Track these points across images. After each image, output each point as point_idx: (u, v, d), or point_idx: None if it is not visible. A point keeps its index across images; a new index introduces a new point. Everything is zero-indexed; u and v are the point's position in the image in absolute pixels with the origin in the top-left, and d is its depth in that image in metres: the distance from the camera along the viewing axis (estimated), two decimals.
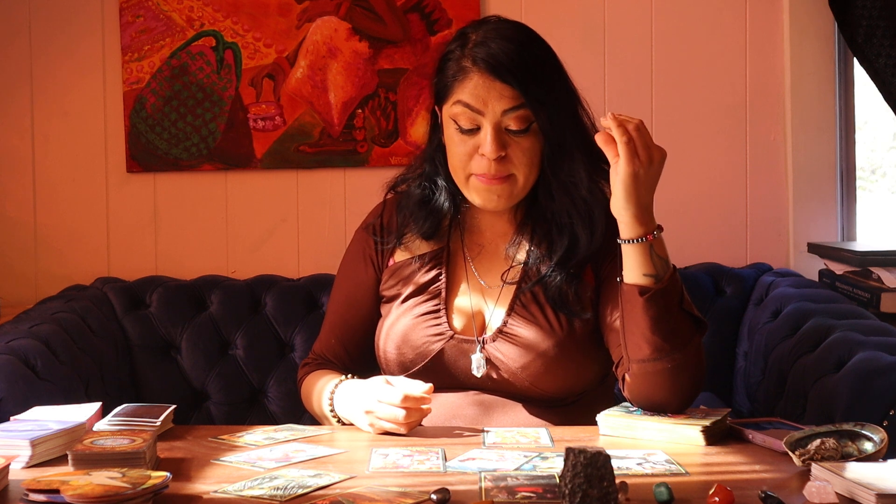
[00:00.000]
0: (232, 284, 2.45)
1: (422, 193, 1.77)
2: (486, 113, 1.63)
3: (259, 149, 2.61)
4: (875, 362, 1.66)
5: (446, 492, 1.21)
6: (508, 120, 1.63)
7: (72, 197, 2.63)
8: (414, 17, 2.59)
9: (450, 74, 1.67)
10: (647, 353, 1.53)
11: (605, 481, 1.12)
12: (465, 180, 1.69)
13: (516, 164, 1.65)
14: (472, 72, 1.63)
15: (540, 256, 1.71)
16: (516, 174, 1.66)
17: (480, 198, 1.68)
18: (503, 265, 1.74)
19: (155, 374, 2.34)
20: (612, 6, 2.61)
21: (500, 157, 1.63)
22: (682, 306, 1.54)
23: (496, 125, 1.63)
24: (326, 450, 1.47)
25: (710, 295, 2.39)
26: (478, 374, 1.67)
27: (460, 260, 1.76)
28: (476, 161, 1.66)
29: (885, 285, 2.18)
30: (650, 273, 1.52)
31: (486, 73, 1.62)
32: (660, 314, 1.51)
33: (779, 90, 2.61)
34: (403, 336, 1.71)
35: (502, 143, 1.63)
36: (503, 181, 1.66)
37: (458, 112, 1.65)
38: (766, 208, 2.62)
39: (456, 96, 1.65)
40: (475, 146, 1.65)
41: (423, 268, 1.75)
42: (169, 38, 2.59)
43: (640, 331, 1.52)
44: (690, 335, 1.55)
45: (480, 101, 1.63)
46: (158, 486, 1.20)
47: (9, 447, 1.38)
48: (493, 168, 1.64)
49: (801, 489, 1.23)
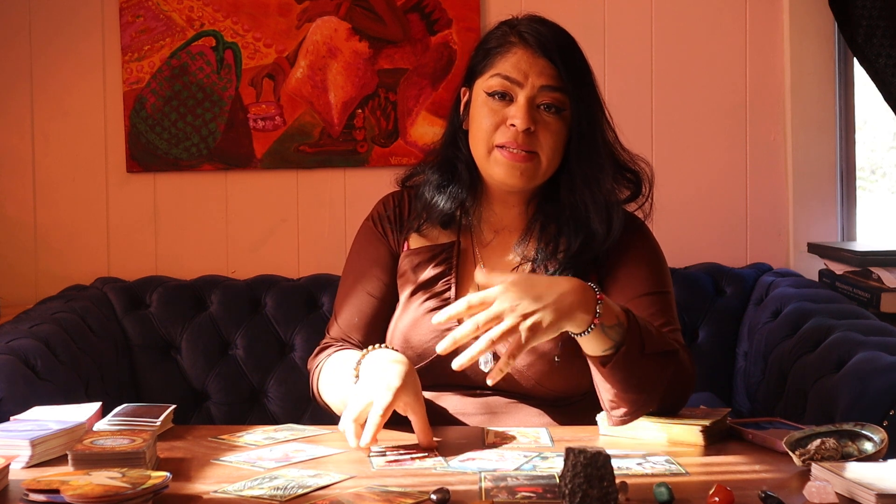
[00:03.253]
0: (232, 284, 2.45)
1: (441, 177, 1.75)
2: (524, 85, 1.64)
3: (259, 149, 2.61)
4: (875, 362, 1.66)
5: (446, 492, 1.21)
6: (544, 97, 1.64)
7: (72, 197, 2.63)
8: (414, 17, 2.59)
9: (492, 47, 1.69)
10: (626, 409, 1.52)
11: (605, 481, 1.12)
12: (488, 153, 1.67)
13: (542, 143, 1.65)
14: (516, 46, 1.66)
15: (549, 254, 1.70)
16: (540, 154, 1.65)
17: (502, 170, 1.66)
18: (512, 262, 1.73)
19: (155, 374, 2.34)
20: (612, 6, 2.61)
21: (528, 129, 1.63)
22: (645, 352, 1.49)
23: (530, 99, 1.64)
24: (326, 450, 1.47)
25: (710, 295, 2.39)
26: (485, 370, 1.65)
27: (470, 256, 1.75)
28: (502, 131, 1.65)
29: (885, 285, 2.18)
30: (607, 347, 1.48)
31: (530, 48, 1.65)
32: (626, 374, 1.49)
33: (779, 90, 2.61)
34: (412, 331, 1.69)
35: (533, 117, 1.64)
36: (527, 159, 1.65)
37: (494, 84, 1.66)
38: (766, 208, 2.62)
39: (496, 69, 1.67)
40: (504, 118, 1.65)
41: (433, 260, 1.73)
42: (169, 38, 2.59)
43: (614, 392, 1.51)
44: (663, 371, 1.52)
45: (521, 74, 1.64)
46: (158, 486, 1.20)
47: (9, 447, 1.38)
48: (521, 139, 1.63)
49: (801, 489, 1.23)
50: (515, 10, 2.62)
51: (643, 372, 1.50)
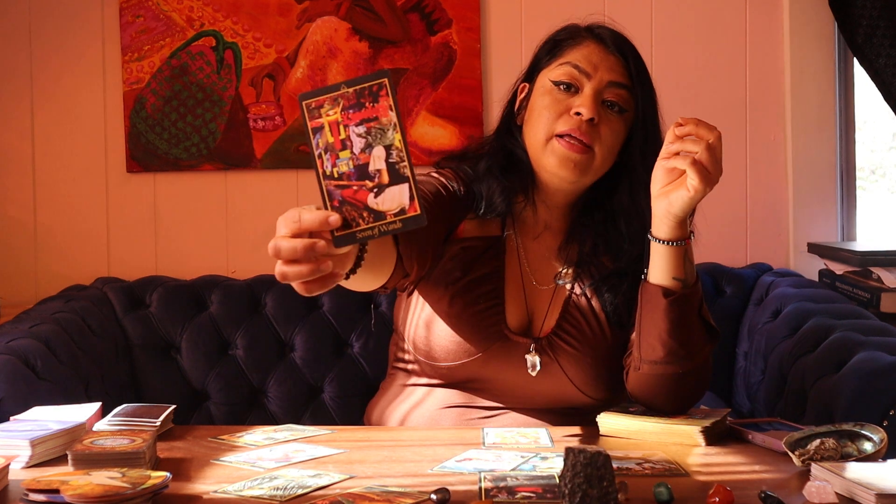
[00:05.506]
0: (232, 284, 2.45)
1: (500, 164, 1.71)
2: (592, 77, 1.64)
3: (259, 149, 2.61)
4: (875, 362, 1.66)
5: (446, 492, 1.21)
6: (610, 92, 1.64)
7: (72, 197, 2.63)
8: (414, 17, 2.59)
9: (562, 39, 1.69)
10: (660, 355, 1.53)
11: (604, 481, 1.12)
12: (546, 142, 1.64)
13: (601, 138, 1.63)
14: (588, 39, 1.68)
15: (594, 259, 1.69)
16: (596, 150, 1.63)
17: (558, 160, 1.63)
18: (553, 264, 1.71)
19: (155, 374, 2.34)
20: (612, 6, 2.61)
21: (592, 119, 1.61)
22: (700, 314, 1.54)
23: (597, 91, 1.63)
24: (326, 450, 1.47)
25: (711, 295, 2.39)
26: (533, 374, 1.64)
27: (514, 251, 1.72)
28: (565, 119, 1.63)
29: (885, 285, 2.18)
30: (679, 277, 1.51)
31: (602, 43, 1.67)
32: (679, 319, 1.51)
33: (779, 90, 2.61)
34: (456, 327, 1.65)
35: (599, 110, 1.63)
36: (583, 151, 1.62)
37: (561, 73, 1.65)
38: (766, 208, 2.62)
39: (565, 59, 1.67)
40: (568, 107, 1.63)
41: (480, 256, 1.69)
42: (169, 38, 2.59)
43: (658, 332, 1.52)
44: (703, 343, 1.55)
45: (591, 66, 1.64)
46: (158, 486, 1.20)
47: (9, 447, 1.38)
48: (584, 127, 1.61)
49: (800, 489, 1.23)
50: (515, 10, 2.62)
51: (692, 330, 1.53)
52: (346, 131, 1.17)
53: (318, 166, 1.17)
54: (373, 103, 1.16)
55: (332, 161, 1.17)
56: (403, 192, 1.16)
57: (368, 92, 1.16)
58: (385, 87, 1.16)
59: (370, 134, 1.16)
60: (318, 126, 1.16)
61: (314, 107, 1.17)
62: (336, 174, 1.17)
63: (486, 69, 2.61)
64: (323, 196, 1.17)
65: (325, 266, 1.18)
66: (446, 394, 1.70)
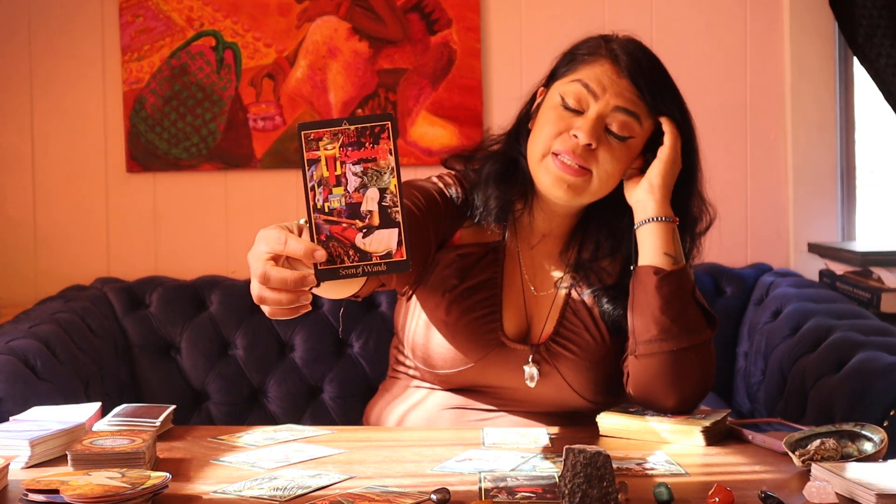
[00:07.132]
0: (232, 284, 2.45)
1: (502, 170, 1.69)
2: (599, 99, 1.60)
3: (259, 149, 2.61)
4: (875, 362, 1.66)
5: (446, 492, 1.21)
6: (614, 118, 1.59)
7: (72, 197, 2.63)
8: (414, 17, 2.59)
9: (581, 53, 1.65)
10: (654, 332, 1.52)
11: (604, 481, 1.12)
12: (541, 158, 1.61)
13: (599, 162, 1.59)
14: (604, 59, 1.62)
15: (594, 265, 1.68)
16: (594, 173, 1.59)
17: (551, 179, 1.60)
18: (552, 270, 1.70)
19: (155, 374, 2.34)
20: (612, 6, 2.61)
21: (589, 145, 1.58)
22: (695, 296, 1.55)
23: (600, 116, 1.59)
24: (326, 450, 1.47)
25: (711, 295, 2.39)
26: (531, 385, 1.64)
27: (514, 258, 1.71)
28: (563, 138, 1.59)
29: (886, 285, 2.18)
30: (670, 253, 1.53)
31: (617, 66, 1.61)
32: (672, 296, 1.51)
33: (779, 90, 2.61)
34: (453, 335, 1.64)
35: (598, 135, 1.59)
36: (578, 174, 1.59)
37: (570, 90, 1.61)
38: (766, 208, 2.62)
39: (577, 74, 1.62)
40: (568, 126, 1.59)
41: (477, 263, 1.68)
42: (169, 37, 2.59)
43: (651, 311, 1.52)
44: (700, 326, 1.55)
45: (600, 87, 1.60)
46: (158, 486, 1.20)
47: (8, 447, 1.38)
48: (579, 151, 1.58)
49: (801, 489, 1.23)
50: (515, 11, 2.62)
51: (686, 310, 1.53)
52: (343, 168, 1.17)
53: (310, 198, 1.17)
54: (373, 144, 1.16)
55: (324, 195, 1.17)
56: (392, 237, 1.16)
57: (370, 132, 1.16)
58: (387, 130, 1.16)
59: (366, 174, 1.16)
60: (315, 158, 1.17)
61: (313, 138, 1.17)
62: (327, 209, 1.17)
63: (486, 69, 2.61)
64: (311, 228, 1.17)
65: (305, 298, 1.20)
66: (445, 396, 1.70)
